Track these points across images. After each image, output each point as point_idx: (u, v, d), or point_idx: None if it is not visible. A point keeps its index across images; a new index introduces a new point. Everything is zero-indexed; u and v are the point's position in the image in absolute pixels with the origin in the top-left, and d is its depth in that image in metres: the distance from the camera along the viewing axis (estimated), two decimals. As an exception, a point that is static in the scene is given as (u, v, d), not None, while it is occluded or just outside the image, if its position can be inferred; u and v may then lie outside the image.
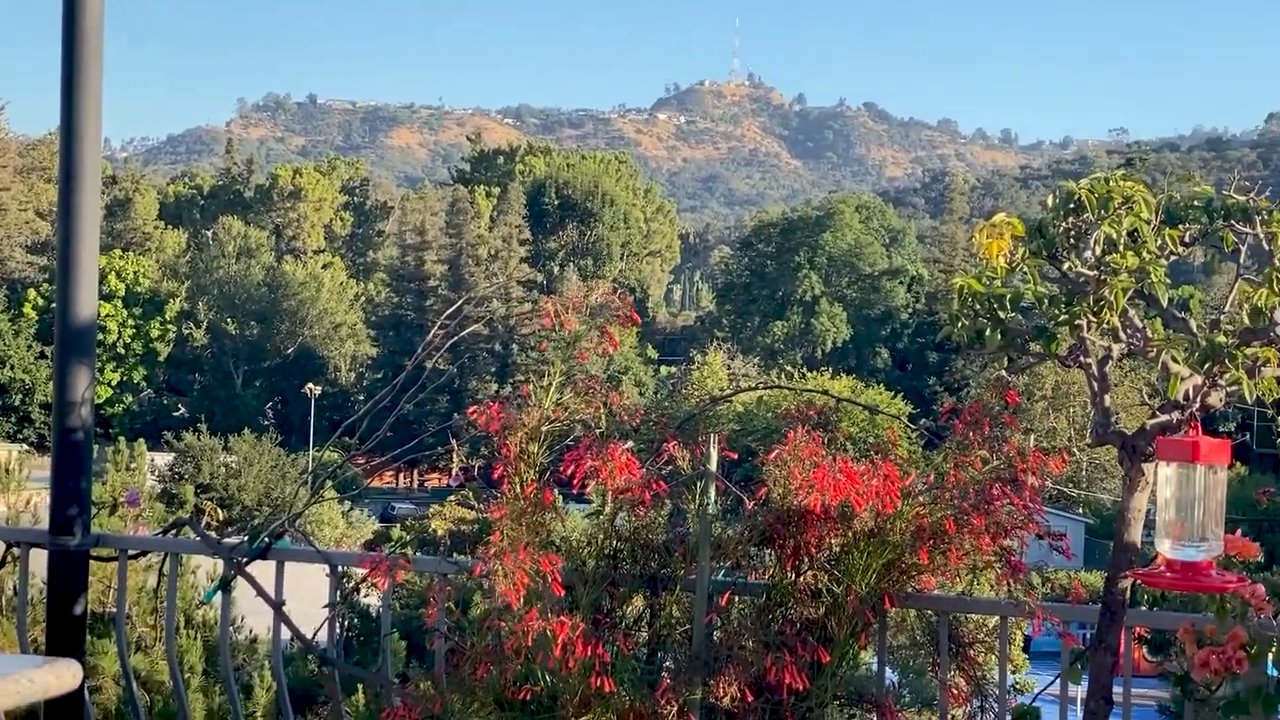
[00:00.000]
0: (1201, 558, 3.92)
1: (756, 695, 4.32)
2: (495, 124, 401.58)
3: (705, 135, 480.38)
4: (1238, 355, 4.01)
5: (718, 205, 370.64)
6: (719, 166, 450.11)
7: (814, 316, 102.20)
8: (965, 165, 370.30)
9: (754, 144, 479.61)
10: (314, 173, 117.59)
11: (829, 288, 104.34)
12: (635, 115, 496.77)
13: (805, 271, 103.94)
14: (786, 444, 4.49)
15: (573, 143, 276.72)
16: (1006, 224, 4.32)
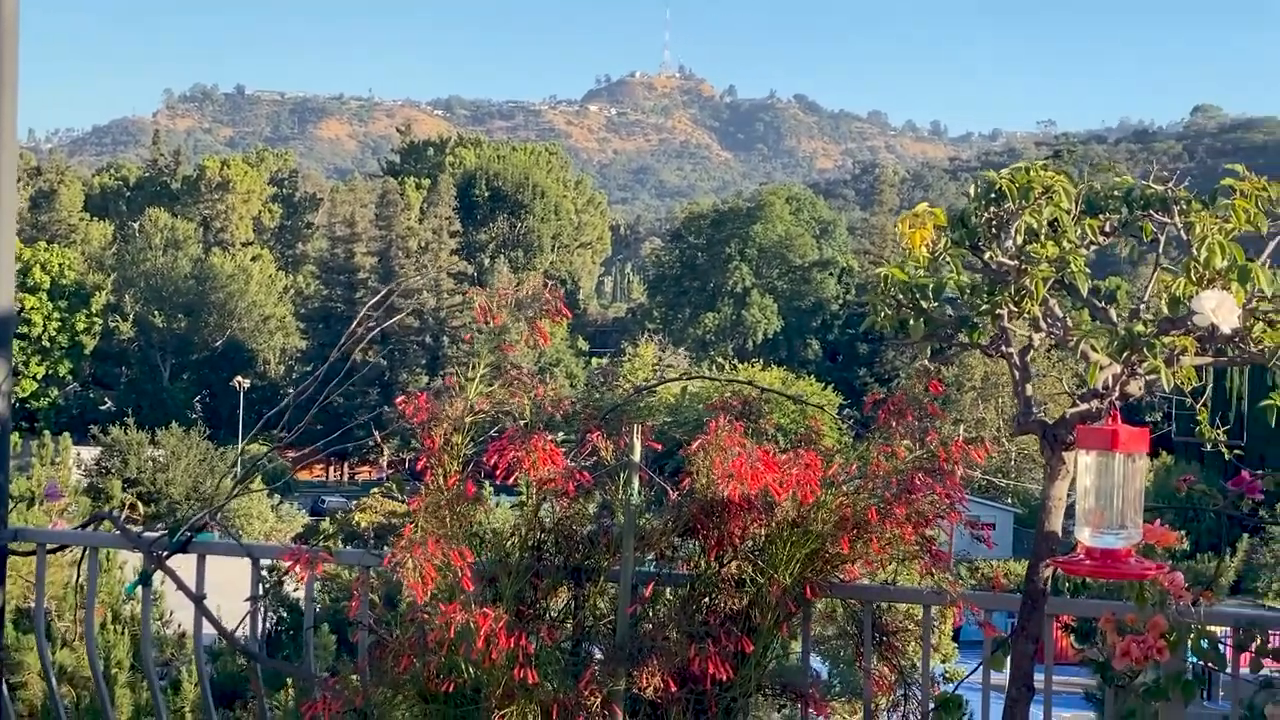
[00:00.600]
0: (1121, 545, 3.95)
1: (680, 685, 4.31)
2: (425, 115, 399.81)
3: (636, 127, 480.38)
4: (1156, 344, 4.03)
5: (649, 197, 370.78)
6: (650, 158, 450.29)
7: (745, 308, 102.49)
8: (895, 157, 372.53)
9: (685, 136, 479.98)
10: (242, 164, 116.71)
11: (760, 279, 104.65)
12: (566, 107, 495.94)
13: (736, 263, 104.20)
14: (709, 434, 4.48)
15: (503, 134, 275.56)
16: (929, 214, 4.33)
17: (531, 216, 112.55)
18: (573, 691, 4.31)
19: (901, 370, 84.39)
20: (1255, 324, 4.15)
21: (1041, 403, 4.53)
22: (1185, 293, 4.08)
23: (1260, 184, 4.20)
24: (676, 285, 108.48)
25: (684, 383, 8.98)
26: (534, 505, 4.59)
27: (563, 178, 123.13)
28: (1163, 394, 4.20)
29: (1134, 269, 49.49)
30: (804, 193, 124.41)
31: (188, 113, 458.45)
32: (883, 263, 4.40)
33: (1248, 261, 4.10)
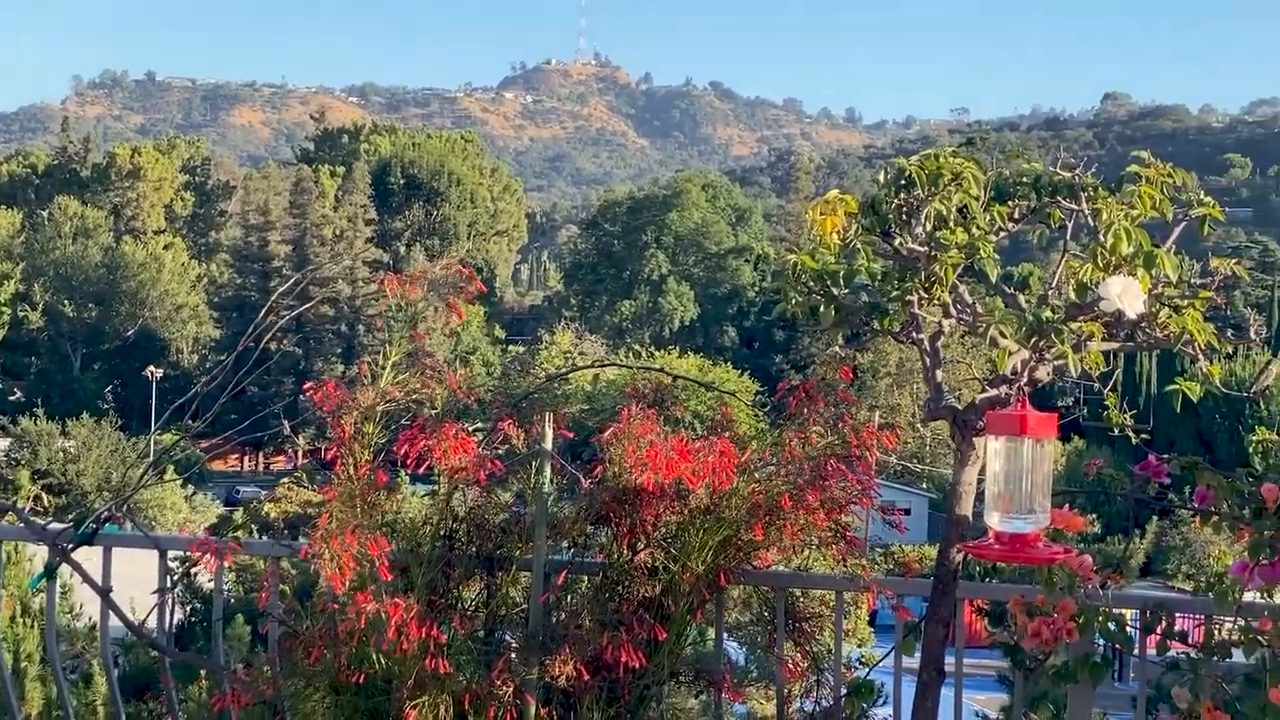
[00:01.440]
0: (1029, 530, 3.97)
1: (593, 674, 4.30)
2: (340, 103, 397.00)
3: (552, 114, 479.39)
4: (1064, 330, 4.06)
5: (565, 185, 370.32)
6: (566, 146, 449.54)
7: (661, 295, 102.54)
8: (811, 144, 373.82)
9: (601, 123, 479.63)
10: (153, 151, 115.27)
11: (676, 267, 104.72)
12: (482, 94, 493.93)
13: (652, 251, 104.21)
14: (622, 422, 4.47)
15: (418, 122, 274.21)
16: (840, 200, 4.34)
17: (447, 204, 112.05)
18: (485, 681, 4.29)
19: (817, 357, 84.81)
20: (1161, 309, 4.19)
21: (955, 389, 4.56)
22: (1092, 279, 4.11)
23: (1165, 171, 4.24)
24: (593, 273, 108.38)
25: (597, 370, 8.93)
26: (446, 494, 4.57)
27: (479, 165, 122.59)
28: (1072, 379, 4.23)
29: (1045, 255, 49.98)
30: (720, 180, 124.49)
31: (97, 99, 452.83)
32: (798, 250, 4.40)
33: (1153, 247, 4.14)
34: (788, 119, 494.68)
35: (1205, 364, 4.25)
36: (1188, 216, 4.31)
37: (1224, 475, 4.27)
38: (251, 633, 17.97)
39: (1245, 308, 73.83)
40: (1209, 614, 4.30)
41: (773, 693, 4.90)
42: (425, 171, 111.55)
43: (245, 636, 17.90)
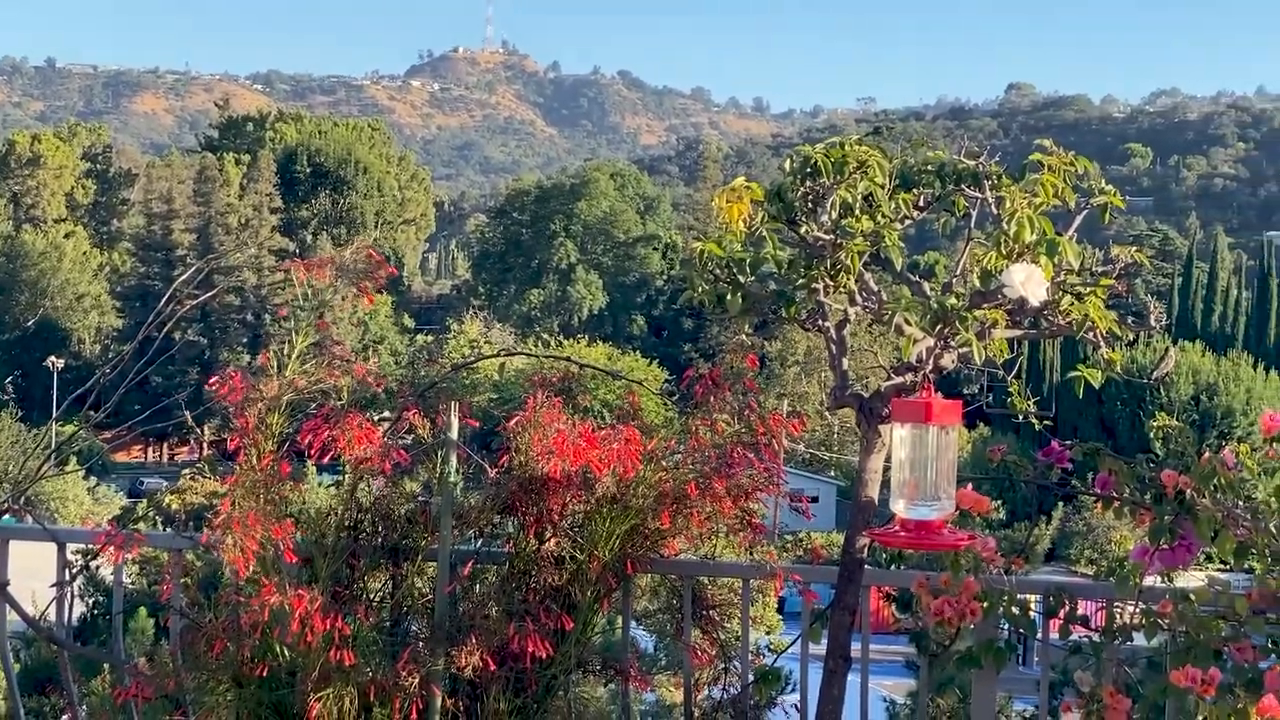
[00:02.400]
0: (935, 516, 4.00)
1: (500, 664, 4.28)
2: (244, 90, 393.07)
3: (460, 103, 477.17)
4: (968, 318, 4.08)
5: (473, 173, 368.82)
6: (474, 134, 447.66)
7: (570, 284, 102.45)
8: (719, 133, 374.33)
9: (509, 112, 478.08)
10: (54, 139, 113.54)
11: (585, 255, 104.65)
12: (389, 82, 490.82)
13: (561, 239, 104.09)
14: (527, 411, 4.45)
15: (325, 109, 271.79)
16: (746, 188, 4.33)
17: (354, 193, 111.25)
18: (390, 673, 4.26)
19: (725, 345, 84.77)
20: (1063, 297, 4.22)
21: (861, 377, 4.57)
22: (996, 266, 4.14)
23: (1068, 159, 4.28)
24: (501, 262, 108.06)
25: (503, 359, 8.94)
26: (350, 485, 4.53)
27: (386, 154, 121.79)
28: (977, 366, 4.25)
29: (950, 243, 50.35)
30: (628, 169, 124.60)
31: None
32: (706, 238, 4.40)
33: (1056, 235, 4.17)
34: (695, 108, 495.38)
35: (1107, 351, 4.29)
36: (1089, 205, 4.35)
37: (1125, 461, 4.32)
38: (155, 626, 17.78)
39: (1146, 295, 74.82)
40: (1111, 598, 4.34)
41: (682, 680, 4.90)
42: (332, 160, 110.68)
43: (149, 630, 17.70)
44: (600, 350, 69.90)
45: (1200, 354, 65.88)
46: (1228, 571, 4.53)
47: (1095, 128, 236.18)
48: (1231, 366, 65.67)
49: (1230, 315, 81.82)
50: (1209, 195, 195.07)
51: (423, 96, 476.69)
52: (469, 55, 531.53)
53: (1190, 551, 4.15)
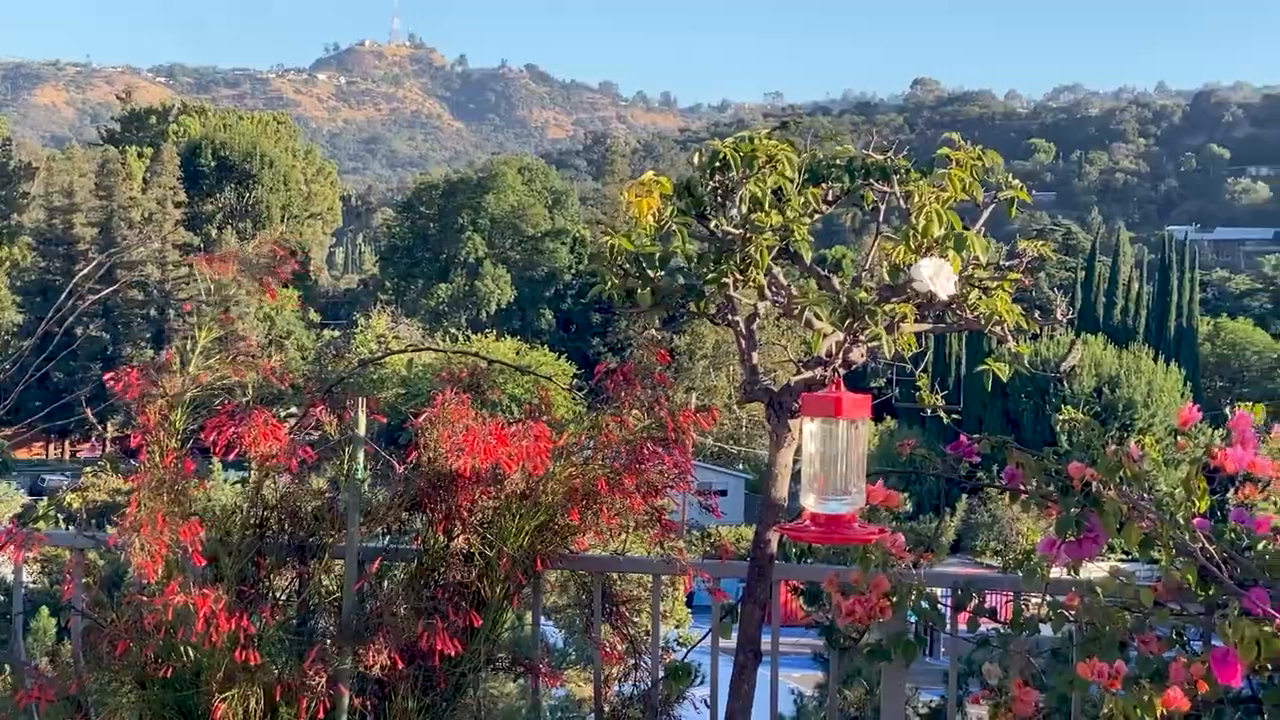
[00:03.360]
0: (845, 511, 3.99)
1: (409, 662, 4.25)
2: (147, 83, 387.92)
3: (366, 96, 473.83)
4: (877, 312, 4.09)
5: (380, 167, 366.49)
6: (381, 128, 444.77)
7: (478, 279, 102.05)
8: (626, 128, 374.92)
9: (416, 106, 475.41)
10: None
11: (493, 250, 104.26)
12: (294, 75, 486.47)
13: (469, 234, 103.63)
14: (435, 407, 4.41)
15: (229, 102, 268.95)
16: (655, 182, 4.32)
17: (260, 187, 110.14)
18: (297, 672, 4.21)
19: (634, 340, 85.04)
20: (971, 291, 4.25)
21: (771, 371, 4.57)
22: (905, 261, 4.15)
23: (975, 154, 4.30)
24: (409, 256, 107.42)
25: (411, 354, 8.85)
26: (256, 482, 4.47)
27: (292, 147, 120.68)
28: (885, 360, 4.26)
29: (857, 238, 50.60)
30: (536, 163, 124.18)
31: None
32: (614, 233, 4.38)
33: (964, 229, 4.19)
34: (603, 102, 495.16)
35: (1013, 345, 4.32)
36: (997, 199, 4.38)
37: (1032, 454, 4.35)
38: (56, 626, 17.51)
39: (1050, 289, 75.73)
40: (1018, 591, 4.37)
41: (592, 675, 4.88)
42: (237, 153, 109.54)
43: (50, 630, 17.43)
44: (509, 345, 69.66)
45: (1103, 347, 66.69)
46: (1130, 561, 4.58)
47: (999, 123, 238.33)
48: (1133, 359, 66.53)
49: (1132, 309, 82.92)
50: (1111, 190, 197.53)
51: (329, 90, 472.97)
52: (375, 49, 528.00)
53: (1096, 543, 4.18)
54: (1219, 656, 3.63)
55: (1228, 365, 78.92)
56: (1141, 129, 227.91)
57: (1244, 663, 3.58)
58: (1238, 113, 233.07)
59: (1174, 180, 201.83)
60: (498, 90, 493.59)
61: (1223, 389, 70.54)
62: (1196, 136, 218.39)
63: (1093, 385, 63.64)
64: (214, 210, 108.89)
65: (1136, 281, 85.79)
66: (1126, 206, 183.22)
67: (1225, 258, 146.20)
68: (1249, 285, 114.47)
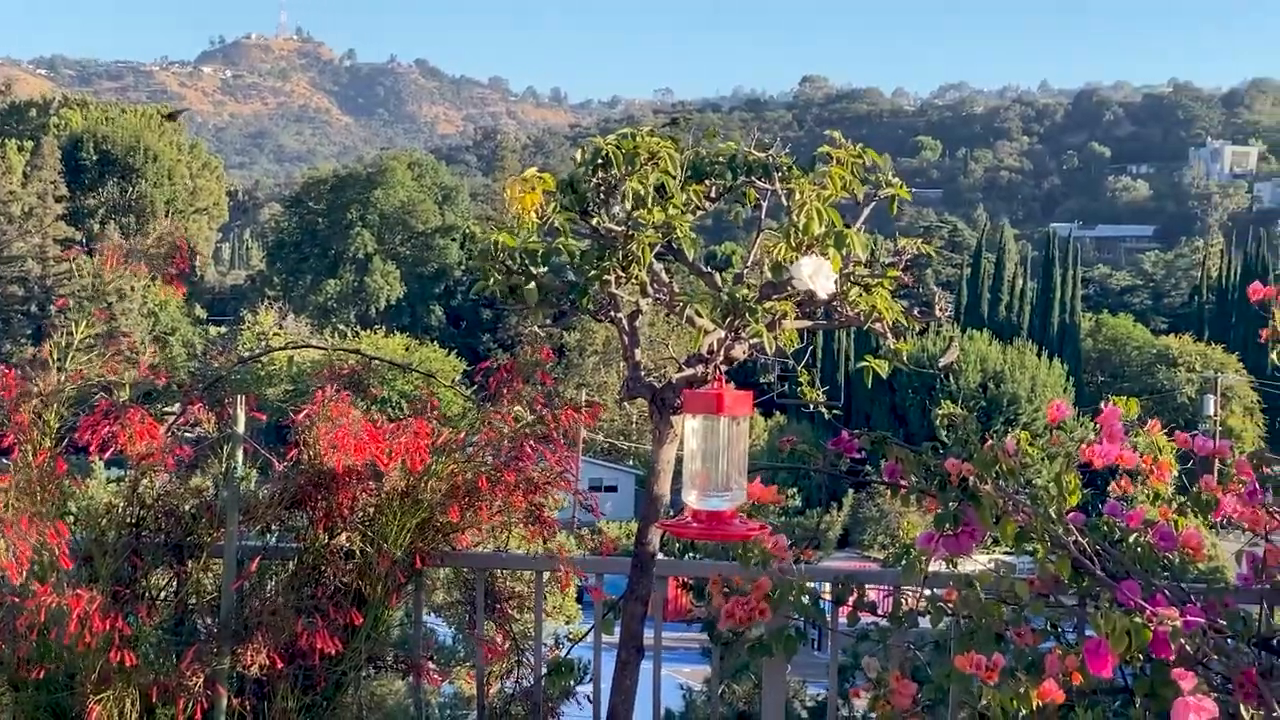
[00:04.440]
0: (725, 507, 4.01)
1: (288, 662, 4.21)
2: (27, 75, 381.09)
3: (253, 90, 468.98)
4: (758, 309, 4.11)
5: (267, 162, 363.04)
6: (268, 122, 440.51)
7: (367, 274, 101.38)
8: (517, 123, 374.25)
9: (304, 100, 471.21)
10: None
11: (382, 245, 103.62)
12: (179, 68, 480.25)
13: (358, 229, 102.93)
14: (315, 404, 4.39)
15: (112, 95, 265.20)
16: (538, 178, 4.31)
17: (144, 181, 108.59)
18: (174, 673, 4.16)
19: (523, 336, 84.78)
20: (852, 288, 4.28)
21: (659, 367, 4.58)
22: (786, 258, 4.17)
23: (856, 151, 4.33)
24: (297, 251, 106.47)
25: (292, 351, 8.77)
26: (133, 481, 4.41)
27: (177, 141, 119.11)
28: (769, 357, 4.29)
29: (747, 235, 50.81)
30: (426, 158, 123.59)
31: None
32: (500, 229, 4.37)
33: (844, 227, 4.22)
34: (493, 97, 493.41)
35: (893, 341, 4.36)
36: (878, 197, 4.41)
37: (911, 449, 4.40)
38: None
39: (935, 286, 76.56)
40: (897, 585, 4.42)
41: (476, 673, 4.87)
42: (120, 147, 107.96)
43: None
44: (398, 341, 69.27)
45: (987, 342, 67.57)
46: (1013, 555, 4.64)
47: (887, 120, 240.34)
48: (1017, 355, 67.47)
49: (1016, 305, 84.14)
50: (996, 187, 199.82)
51: (215, 83, 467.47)
52: (262, 42, 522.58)
53: (974, 537, 4.24)
54: (1091, 648, 3.69)
55: (1109, 360, 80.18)
56: (1025, 127, 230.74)
57: (1115, 653, 3.64)
58: (1118, 111, 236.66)
59: (1057, 178, 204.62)
60: (387, 85, 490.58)
61: (1104, 384, 71.64)
62: (1079, 135, 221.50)
63: (978, 380, 64.43)
64: (96, 205, 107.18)
65: (1021, 278, 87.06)
66: (1011, 204, 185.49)
67: (1107, 254, 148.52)
68: (1129, 282, 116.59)
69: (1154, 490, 4.41)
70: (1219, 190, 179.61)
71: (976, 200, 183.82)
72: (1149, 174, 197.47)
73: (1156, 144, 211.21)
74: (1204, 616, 3.84)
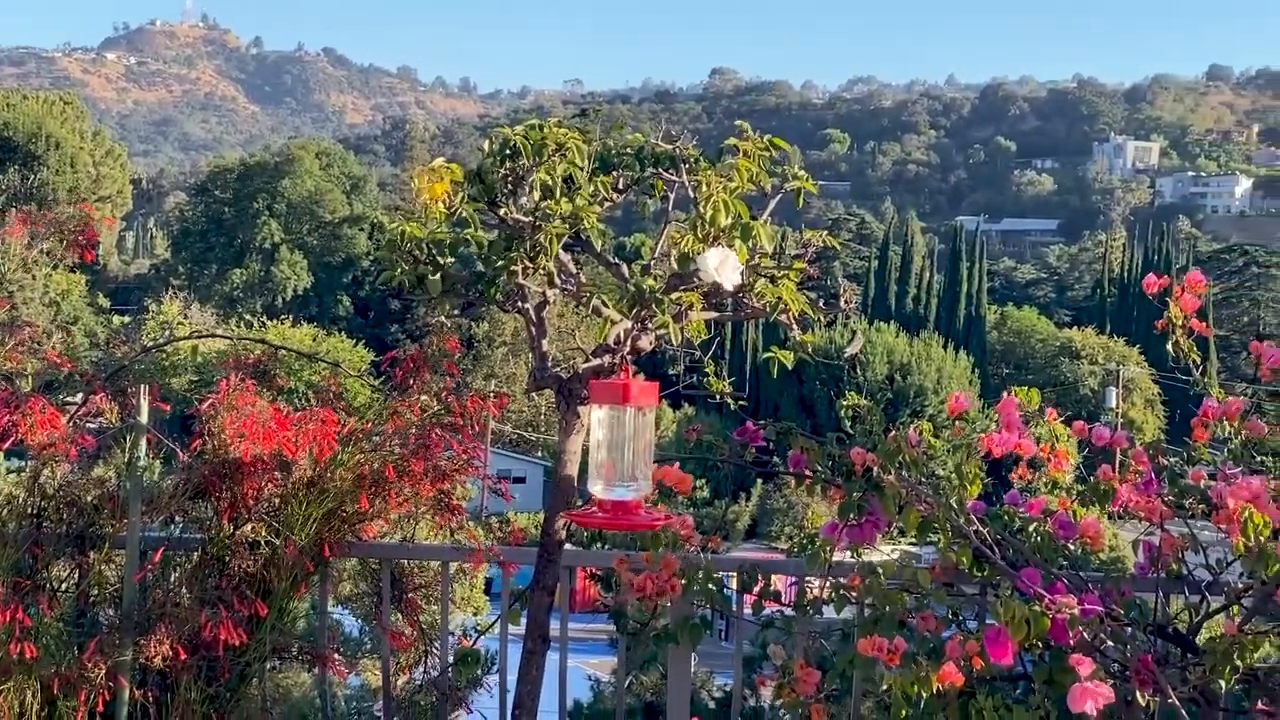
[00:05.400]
0: (632, 497, 4.03)
1: (192, 653, 4.19)
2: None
3: (158, 77, 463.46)
4: (664, 300, 4.13)
5: (172, 150, 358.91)
6: (173, 110, 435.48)
7: (274, 264, 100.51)
8: (426, 113, 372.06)
9: (210, 87, 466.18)
10: None
11: (289, 235, 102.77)
12: (82, 54, 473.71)
13: (264, 219, 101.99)
14: (219, 393, 4.36)
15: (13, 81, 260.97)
16: (446, 169, 4.30)
17: (45, 169, 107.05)
18: (75, 664, 4.12)
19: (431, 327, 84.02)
20: (757, 280, 4.30)
21: (569, 358, 4.59)
22: (693, 249, 4.19)
23: (762, 143, 4.35)
24: (203, 241, 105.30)
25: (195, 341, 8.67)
26: (33, 471, 4.36)
27: (79, 128, 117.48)
28: (675, 348, 4.31)
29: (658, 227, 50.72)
30: (334, 148, 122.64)
31: None
32: (407, 219, 4.36)
33: (751, 219, 4.25)
34: (402, 87, 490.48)
35: (799, 333, 4.39)
36: (784, 189, 4.44)
37: (816, 440, 4.43)
38: None
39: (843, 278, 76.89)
40: (802, 574, 4.45)
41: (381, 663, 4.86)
42: (21, 134, 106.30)
43: None
44: (305, 331, 68.62)
45: (895, 335, 68.04)
46: (918, 547, 4.70)
47: (795, 113, 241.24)
48: (924, 347, 67.97)
49: (923, 297, 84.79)
50: (903, 181, 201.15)
51: (119, 70, 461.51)
52: (167, 28, 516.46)
53: (877, 527, 4.29)
54: (991, 635, 3.74)
55: (1014, 353, 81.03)
56: (932, 121, 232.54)
57: (1015, 641, 3.69)
58: (1024, 106, 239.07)
59: (964, 172, 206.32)
60: (294, 73, 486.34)
61: (1009, 376, 72.34)
62: (985, 129, 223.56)
63: (885, 372, 64.86)
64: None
65: (928, 271, 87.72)
66: (918, 197, 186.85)
67: (1012, 248, 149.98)
68: (1034, 275, 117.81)
69: (1053, 479, 4.48)
70: (1122, 185, 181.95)
71: (884, 193, 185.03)
72: (1054, 168, 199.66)
73: (1061, 139, 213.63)
74: (1101, 604, 3.90)
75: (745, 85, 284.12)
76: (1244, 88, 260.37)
